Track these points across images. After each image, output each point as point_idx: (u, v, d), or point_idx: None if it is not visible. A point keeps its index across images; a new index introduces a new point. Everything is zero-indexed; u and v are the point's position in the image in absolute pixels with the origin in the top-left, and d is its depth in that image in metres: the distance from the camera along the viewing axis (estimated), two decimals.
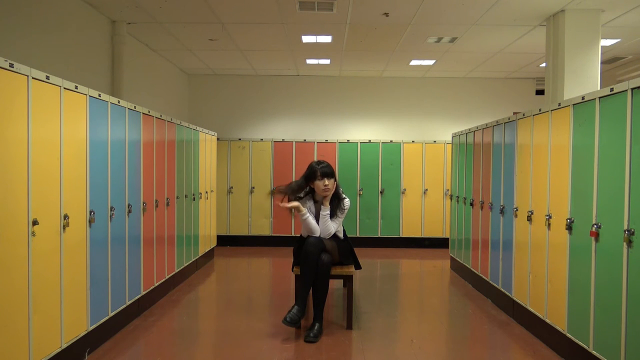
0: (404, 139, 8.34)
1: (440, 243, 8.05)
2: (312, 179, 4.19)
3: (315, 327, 3.91)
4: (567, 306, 3.48)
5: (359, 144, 8.22)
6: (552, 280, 3.72)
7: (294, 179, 8.05)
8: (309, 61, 7.75)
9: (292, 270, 4.28)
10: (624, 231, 2.80)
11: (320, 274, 3.97)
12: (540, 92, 8.52)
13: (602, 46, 5.64)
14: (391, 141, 8.23)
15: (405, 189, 8.17)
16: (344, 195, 4.34)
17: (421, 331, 4.27)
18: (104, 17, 5.55)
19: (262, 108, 8.91)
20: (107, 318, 3.73)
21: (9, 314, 2.63)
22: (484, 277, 5.23)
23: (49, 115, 3.00)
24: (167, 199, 5.01)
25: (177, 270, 5.41)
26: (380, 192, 8.17)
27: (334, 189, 4.23)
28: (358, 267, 4.40)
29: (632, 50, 6.83)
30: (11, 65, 2.60)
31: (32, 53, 4.27)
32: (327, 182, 4.15)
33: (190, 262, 5.94)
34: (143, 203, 4.40)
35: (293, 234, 8.06)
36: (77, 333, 3.32)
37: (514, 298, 4.41)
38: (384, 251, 7.94)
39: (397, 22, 5.75)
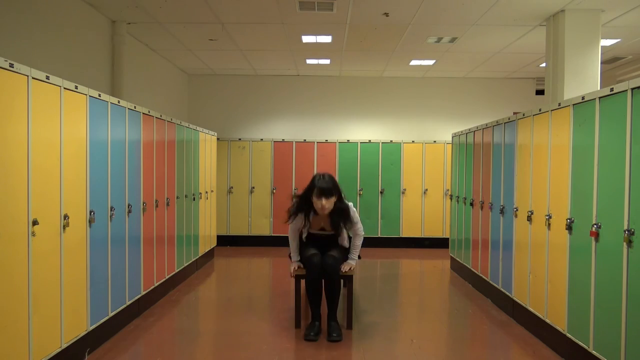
0: (404, 139, 8.33)
1: (440, 243, 8.04)
2: (311, 194, 3.93)
3: (332, 326, 3.91)
4: (567, 306, 3.48)
5: (359, 144, 8.22)
6: (552, 280, 3.72)
7: (294, 180, 8.14)
8: (309, 61, 7.75)
9: (291, 275, 4.20)
10: (624, 231, 2.80)
11: (328, 275, 3.95)
12: (540, 92, 8.52)
13: (602, 46, 5.64)
14: (391, 141, 8.23)
15: (405, 189, 8.17)
16: (347, 202, 4.08)
17: (421, 331, 4.27)
18: (104, 17, 5.55)
19: (262, 108, 8.90)
20: (107, 318, 3.73)
21: (9, 314, 2.63)
22: (484, 277, 5.23)
23: (49, 115, 3.00)
24: (167, 199, 5.01)
25: (177, 271, 5.41)
26: (380, 192, 8.17)
27: (331, 208, 3.90)
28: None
29: (632, 50, 6.82)
30: (11, 65, 2.60)
31: (32, 53, 4.27)
32: (324, 201, 3.85)
33: (190, 262, 5.94)
34: (143, 203, 4.40)
35: None
36: (77, 333, 3.32)
37: (514, 298, 4.41)
38: (384, 251, 7.94)
39: (397, 22, 5.75)
